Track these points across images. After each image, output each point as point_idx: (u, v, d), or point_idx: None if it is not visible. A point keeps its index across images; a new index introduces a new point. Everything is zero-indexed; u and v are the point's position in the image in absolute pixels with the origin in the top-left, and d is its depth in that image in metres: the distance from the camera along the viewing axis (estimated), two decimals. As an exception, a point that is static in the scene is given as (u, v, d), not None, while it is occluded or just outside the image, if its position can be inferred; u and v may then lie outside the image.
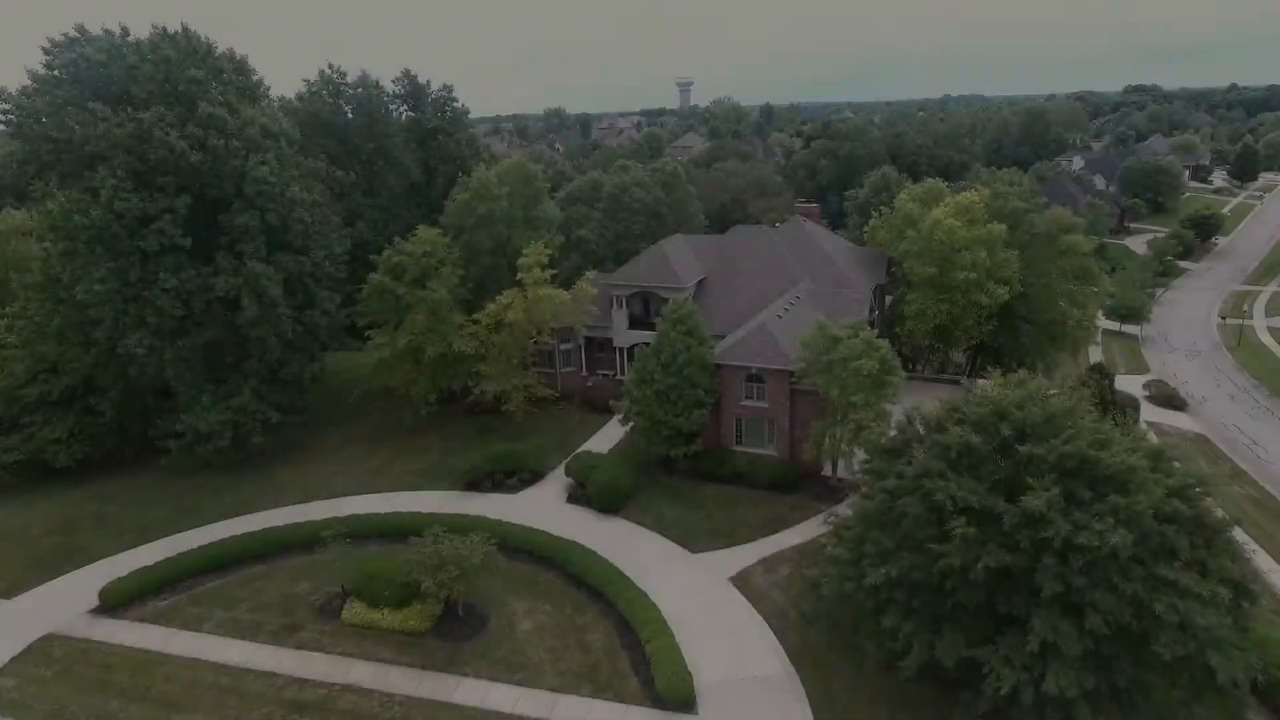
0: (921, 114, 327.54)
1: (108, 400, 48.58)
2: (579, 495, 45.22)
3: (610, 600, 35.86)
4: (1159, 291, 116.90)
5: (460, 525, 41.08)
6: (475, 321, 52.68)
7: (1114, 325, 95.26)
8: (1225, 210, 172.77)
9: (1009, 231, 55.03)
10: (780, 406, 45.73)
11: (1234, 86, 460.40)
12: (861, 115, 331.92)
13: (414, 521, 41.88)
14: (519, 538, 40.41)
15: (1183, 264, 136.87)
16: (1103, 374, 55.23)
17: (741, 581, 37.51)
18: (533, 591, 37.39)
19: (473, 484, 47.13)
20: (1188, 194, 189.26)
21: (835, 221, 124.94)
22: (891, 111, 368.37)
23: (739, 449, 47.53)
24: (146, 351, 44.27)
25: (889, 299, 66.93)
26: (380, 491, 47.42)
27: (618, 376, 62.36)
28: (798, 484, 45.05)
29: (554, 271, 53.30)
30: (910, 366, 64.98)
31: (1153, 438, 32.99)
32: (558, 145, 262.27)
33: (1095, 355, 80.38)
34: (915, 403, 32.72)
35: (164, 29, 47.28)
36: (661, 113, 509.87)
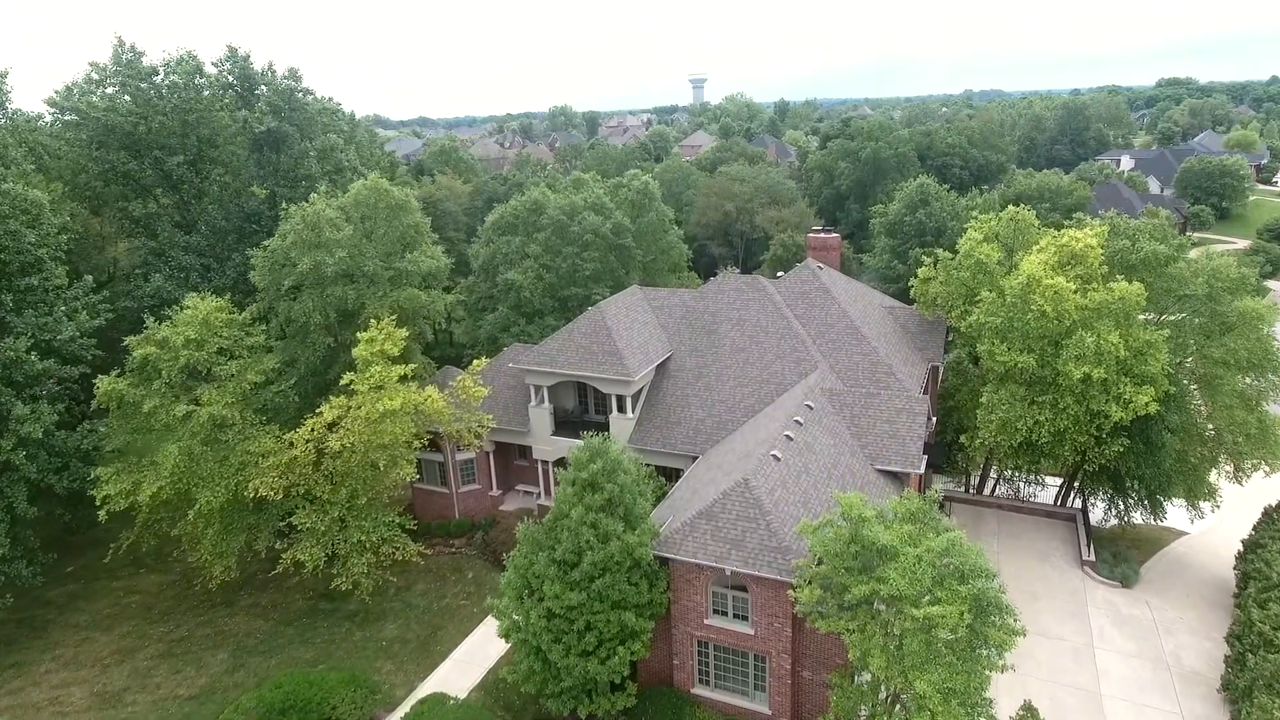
0: (945, 110, 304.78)
1: None
2: (411, 799, 25.08)
3: None
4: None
5: None
6: (291, 445, 32.74)
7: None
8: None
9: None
10: (776, 636, 25.31)
11: (1275, 79, 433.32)
12: (880, 111, 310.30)
13: None
14: None
15: (1267, 283, 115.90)
16: (1298, 522, 34.51)
17: None
18: None
19: (241, 754, 27.13)
20: (1253, 197, 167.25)
21: (856, 237, 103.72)
22: (912, 108, 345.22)
23: (704, 695, 27.14)
24: None
25: (939, 370, 46.32)
26: (84, 765, 27.54)
27: (541, 499, 42.24)
28: (808, 783, 24.77)
29: (413, 367, 33.09)
30: (969, 484, 44.45)
31: None
32: (557, 145, 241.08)
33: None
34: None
35: None
36: (674, 110, 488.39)
